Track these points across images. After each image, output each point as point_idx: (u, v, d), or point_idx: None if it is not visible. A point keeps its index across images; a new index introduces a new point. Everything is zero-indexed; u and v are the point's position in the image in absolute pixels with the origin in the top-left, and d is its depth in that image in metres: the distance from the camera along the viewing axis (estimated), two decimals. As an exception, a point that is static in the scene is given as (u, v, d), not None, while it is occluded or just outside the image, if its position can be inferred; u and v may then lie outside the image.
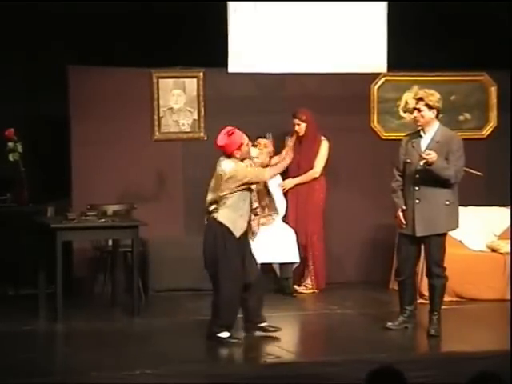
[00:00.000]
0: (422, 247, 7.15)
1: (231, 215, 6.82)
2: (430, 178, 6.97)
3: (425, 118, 7.03)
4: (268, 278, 8.37)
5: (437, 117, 7.11)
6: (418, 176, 7.00)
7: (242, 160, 6.97)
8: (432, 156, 6.86)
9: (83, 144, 8.82)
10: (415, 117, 7.08)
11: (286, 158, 7.88)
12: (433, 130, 7.09)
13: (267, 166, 8.44)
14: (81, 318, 7.68)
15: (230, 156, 6.88)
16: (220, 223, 6.82)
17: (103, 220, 7.79)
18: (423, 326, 7.21)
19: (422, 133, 7.10)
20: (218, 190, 6.84)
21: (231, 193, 6.81)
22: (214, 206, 6.87)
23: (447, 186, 7.03)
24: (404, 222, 7.05)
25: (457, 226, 7.21)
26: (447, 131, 7.25)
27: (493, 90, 9.67)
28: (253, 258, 7.01)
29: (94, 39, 8.78)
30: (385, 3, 9.28)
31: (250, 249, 7.00)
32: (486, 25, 9.33)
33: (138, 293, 7.82)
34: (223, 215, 6.84)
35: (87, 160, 8.82)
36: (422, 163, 6.91)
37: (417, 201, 7.01)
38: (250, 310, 7.02)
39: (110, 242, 8.35)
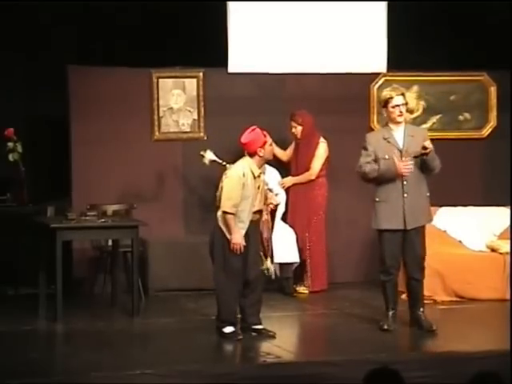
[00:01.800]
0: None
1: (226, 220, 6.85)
2: (414, 170, 6.99)
3: (406, 113, 7.15)
4: (268, 278, 8.36)
5: None
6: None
7: (267, 160, 7.00)
8: (431, 146, 6.92)
9: (83, 144, 8.83)
10: (400, 112, 7.06)
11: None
12: (402, 124, 7.11)
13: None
14: (81, 318, 7.68)
15: (253, 154, 6.88)
16: (221, 220, 6.87)
17: (103, 220, 7.80)
18: (422, 325, 7.20)
19: (393, 128, 7.10)
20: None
21: None
22: (217, 204, 6.92)
23: (427, 178, 7.08)
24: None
25: (432, 219, 7.39)
26: (414, 126, 7.43)
27: (492, 90, 9.67)
28: (257, 257, 6.99)
29: (94, 39, 8.79)
30: (384, 3, 9.29)
31: (256, 247, 6.97)
32: (486, 25, 9.33)
33: (137, 293, 7.82)
34: (220, 218, 6.88)
35: (87, 160, 8.83)
36: (426, 150, 6.90)
37: (405, 195, 7.02)
38: (246, 310, 7.03)
39: (110, 242, 8.36)
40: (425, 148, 6.89)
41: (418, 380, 5.91)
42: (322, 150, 8.81)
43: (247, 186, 6.82)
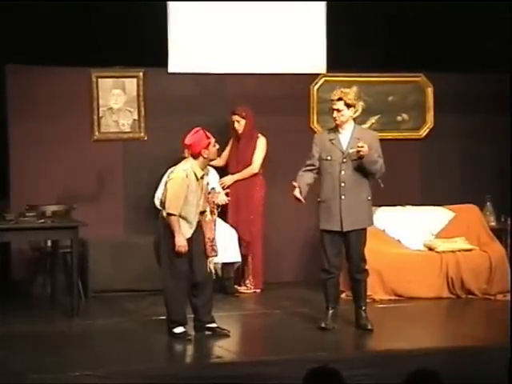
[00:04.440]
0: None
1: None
2: (354, 173, 7.06)
3: (345, 117, 7.12)
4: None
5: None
6: (343, 172, 7.08)
7: (211, 160, 7.04)
8: (365, 149, 6.96)
9: (22, 144, 8.74)
10: (335, 117, 7.13)
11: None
12: (350, 127, 7.17)
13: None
14: (19, 319, 7.60)
15: (197, 156, 6.89)
16: (166, 222, 6.85)
17: (42, 221, 7.73)
18: (360, 324, 7.27)
19: (340, 130, 7.16)
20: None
21: None
22: (162, 206, 6.92)
23: (369, 181, 7.13)
24: (300, 198, 7.12)
25: (373, 223, 7.38)
26: (364, 129, 7.51)
27: (429, 91, 9.80)
28: (202, 258, 7.01)
29: (33, 38, 8.68)
30: (324, 3, 9.35)
31: (200, 249, 7.00)
32: (427, 26, 9.42)
33: (77, 294, 7.77)
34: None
35: (26, 160, 8.74)
36: (353, 151, 6.97)
37: (342, 197, 7.09)
38: (199, 309, 7.04)
39: (49, 243, 8.29)
40: (359, 151, 6.96)
41: (358, 378, 5.98)
42: (262, 144, 8.87)
43: (191, 187, 6.83)
